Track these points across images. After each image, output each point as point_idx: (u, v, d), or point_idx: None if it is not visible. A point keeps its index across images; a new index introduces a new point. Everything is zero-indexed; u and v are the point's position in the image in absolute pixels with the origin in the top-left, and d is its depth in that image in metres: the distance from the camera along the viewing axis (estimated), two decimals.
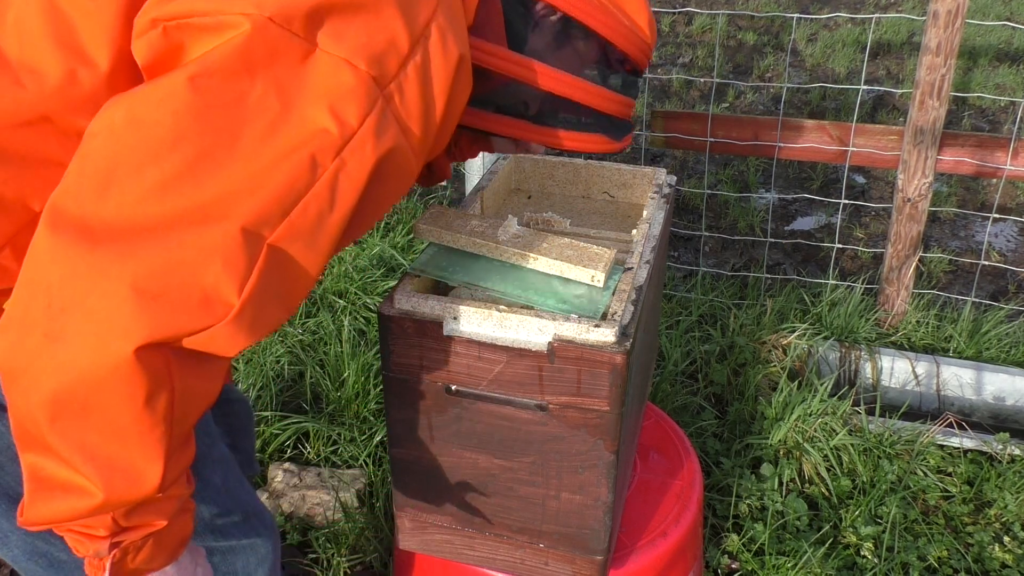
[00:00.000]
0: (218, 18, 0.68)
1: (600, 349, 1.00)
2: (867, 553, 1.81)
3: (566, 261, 1.10)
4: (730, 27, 5.64)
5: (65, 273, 0.66)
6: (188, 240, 0.67)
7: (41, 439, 0.70)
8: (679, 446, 1.55)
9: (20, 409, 0.70)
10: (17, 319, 0.69)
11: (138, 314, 0.66)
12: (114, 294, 0.66)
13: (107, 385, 0.68)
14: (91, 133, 0.69)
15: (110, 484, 0.71)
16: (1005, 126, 4.21)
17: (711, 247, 3.19)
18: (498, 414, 1.10)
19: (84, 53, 0.73)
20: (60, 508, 0.72)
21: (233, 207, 0.68)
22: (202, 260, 0.67)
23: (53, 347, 0.67)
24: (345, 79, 0.70)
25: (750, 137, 2.45)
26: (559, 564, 1.20)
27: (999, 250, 3.24)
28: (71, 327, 0.67)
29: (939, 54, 2.20)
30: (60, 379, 0.67)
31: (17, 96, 0.72)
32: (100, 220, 0.66)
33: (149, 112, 0.67)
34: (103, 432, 0.70)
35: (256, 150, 0.68)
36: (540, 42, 0.94)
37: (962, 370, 2.29)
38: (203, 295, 0.68)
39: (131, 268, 0.66)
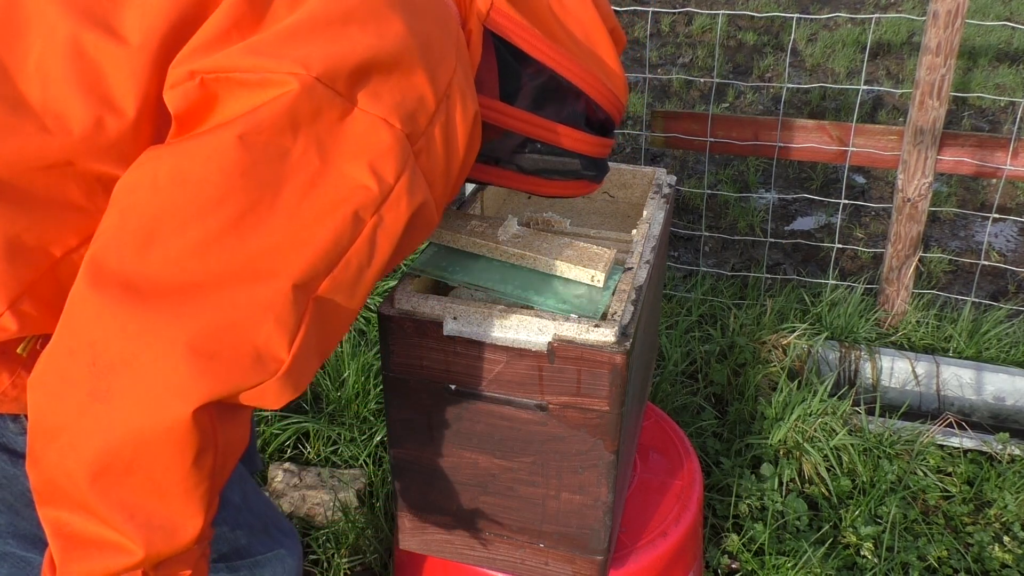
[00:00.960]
0: (262, 75, 0.68)
1: (600, 349, 1.00)
2: (867, 553, 1.81)
3: (566, 261, 1.10)
4: (730, 27, 5.64)
5: (112, 331, 0.66)
6: (240, 298, 0.68)
7: (76, 497, 0.69)
8: (679, 446, 1.55)
9: (54, 466, 0.69)
10: (57, 375, 0.68)
11: (196, 375, 0.66)
12: (169, 354, 0.66)
13: (158, 445, 0.67)
14: (130, 186, 0.69)
15: (150, 541, 0.71)
16: (1005, 126, 4.22)
17: (711, 247, 3.19)
18: (498, 414, 1.10)
19: (112, 100, 0.71)
20: (96, 566, 0.72)
21: (281, 263, 0.69)
22: (255, 318, 0.68)
23: (99, 406, 0.66)
24: (383, 137, 0.72)
25: (750, 137, 2.45)
26: (559, 564, 1.20)
27: (999, 250, 3.24)
28: (120, 386, 0.66)
29: (939, 54, 2.20)
30: (106, 439, 0.67)
31: (41, 142, 0.71)
32: (145, 277, 0.66)
33: (196, 169, 0.67)
34: (147, 491, 0.69)
35: (298, 206, 0.69)
36: (528, 96, 0.99)
37: (962, 370, 2.29)
38: (256, 352, 0.69)
39: (186, 328, 0.66)
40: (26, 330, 0.73)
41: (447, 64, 0.79)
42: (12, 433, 0.87)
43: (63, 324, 0.68)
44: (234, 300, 0.67)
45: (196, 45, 0.70)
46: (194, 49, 0.70)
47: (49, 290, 0.73)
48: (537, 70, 0.98)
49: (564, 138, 1.02)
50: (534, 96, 0.99)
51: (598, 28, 1.01)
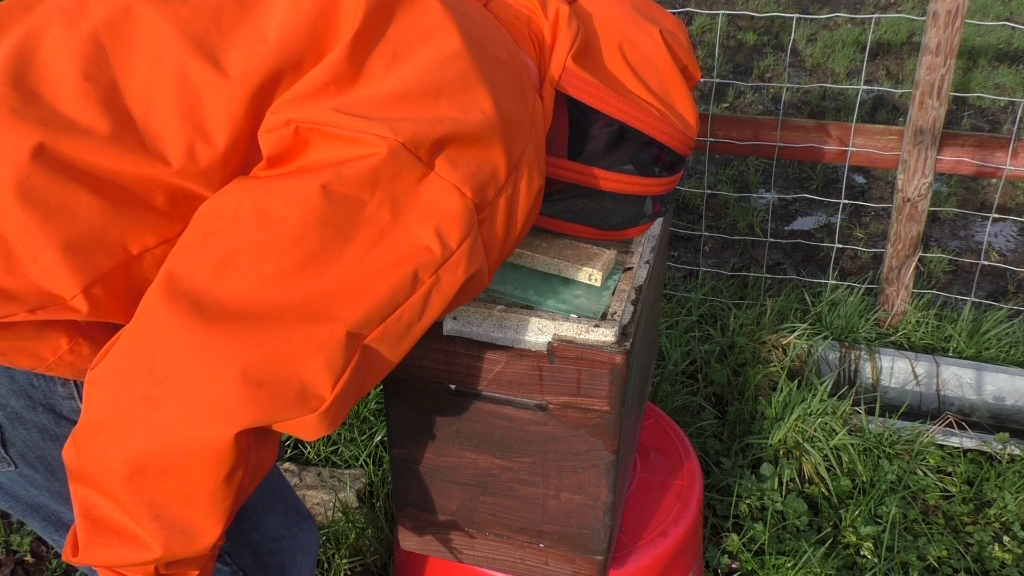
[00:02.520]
0: (354, 134, 0.72)
1: (600, 349, 1.00)
2: (867, 553, 1.81)
3: (564, 260, 1.10)
4: (730, 27, 5.64)
5: (175, 345, 0.69)
6: (297, 334, 0.71)
7: (108, 488, 0.73)
8: (679, 446, 1.55)
9: (93, 458, 0.72)
10: (115, 375, 0.71)
11: (244, 400, 0.70)
12: (223, 377, 0.69)
13: (196, 458, 0.71)
14: (215, 212, 0.73)
15: (169, 542, 0.74)
16: (1005, 126, 4.22)
17: (711, 247, 3.19)
18: (498, 414, 1.10)
19: (206, 130, 0.75)
20: (115, 555, 0.76)
21: (340, 308, 0.72)
22: (308, 356, 0.72)
23: (147, 411, 0.70)
24: (453, 204, 0.76)
25: (750, 137, 2.45)
26: (559, 564, 1.21)
27: (999, 250, 3.24)
28: (170, 397, 0.69)
29: (939, 54, 2.20)
30: (149, 443, 0.70)
31: (138, 157, 0.74)
32: (214, 300, 0.70)
33: (279, 208, 0.71)
34: (175, 496, 0.73)
35: (364, 256, 0.73)
36: (597, 147, 1.03)
37: (962, 370, 2.29)
38: (301, 388, 0.72)
39: (243, 354, 0.69)
40: (94, 315, 0.76)
41: (522, 139, 0.83)
42: (60, 397, 0.90)
43: (132, 328, 0.72)
44: (291, 335, 0.71)
45: (296, 95, 0.75)
46: (293, 98, 0.75)
47: (120, 283, 0.76)
48: (607, 123, 1.01)
49: (629, 186, 1.05)
50: (603, 147, 1.02)
51: (670, 70, 1.04)
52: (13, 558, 1.82)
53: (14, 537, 1.85)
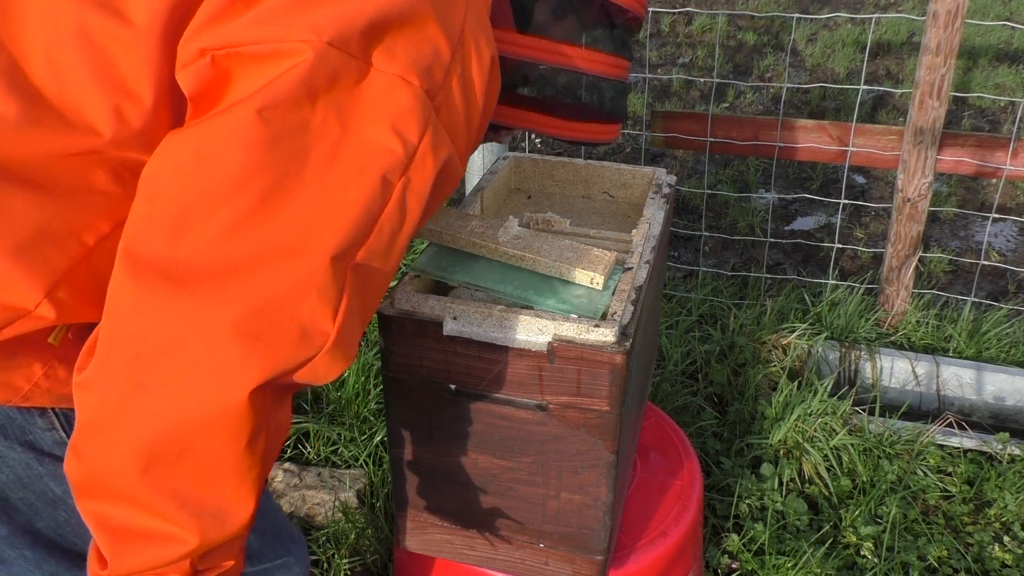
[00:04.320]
0: (273, 46, 0.66)
1: (600, 349, 1.00)
2: (867, 553, 1.81)
3: (566, 263, 1.10)
4: (730, 27, 5.64)
5: (152, 321, 0.65)
6: (280, 276, 0.66)
7: (123, 490, 0.69)
8: (679, 446, 1.55)
9: (99, 461, 0.68)
10: (100, 369, 0.67)
11: (246, 358, 0.65)
12: (215, 340, 0.65)
13: (211, 431, 0.67)
14: (155, 173, 0.67)
15: (204, 530, 0.70)
16: (1005, 126, 4.21)
17: (711, 247, 3.19)
18: (498, 414, 1.10)
19: (127, 87, 0.68)
20: (149, 557, 0.71)
21: (316, 237, 0.67)
22: (297, 294, 0.67)
23: (144, 397, 0.66)
24: (402, 96, 0.70)
25: (750, 137, 2.45)
26: (559, 564, 1.20)
27: (999, 250, 3.24)
28: (165, 375, 0.65)
29: (939, 54, 2.20)
30: (156, 429, 0.66)
31: (64, 134, 0.68)
32: (180, 264, 0.65)
33: (218, 149, 0.65)
34: (198, 478, 0.69)
35: (324, 176, 0.68)
36: (543, 15, 0.96)
37: (962, 370, 2.29)
38: (301, 329, 0.68)
39: (229, 311, 0.65)
40: (63, 318, 0.72)
41: (458, 9, 0.76)
42: (40, 429, 0.86)
43: (105, 317, 0.67)
44: (274, 279, 0.66)
45: (202, 20, 0.67)
46: (200, 24, 0.67)
47: (84, 278, 0.72)
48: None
49: (579, 60, 0.98)
50: (547, 15, 0.95)
51: None
52: None
53: None
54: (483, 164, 2.32)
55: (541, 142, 4.01)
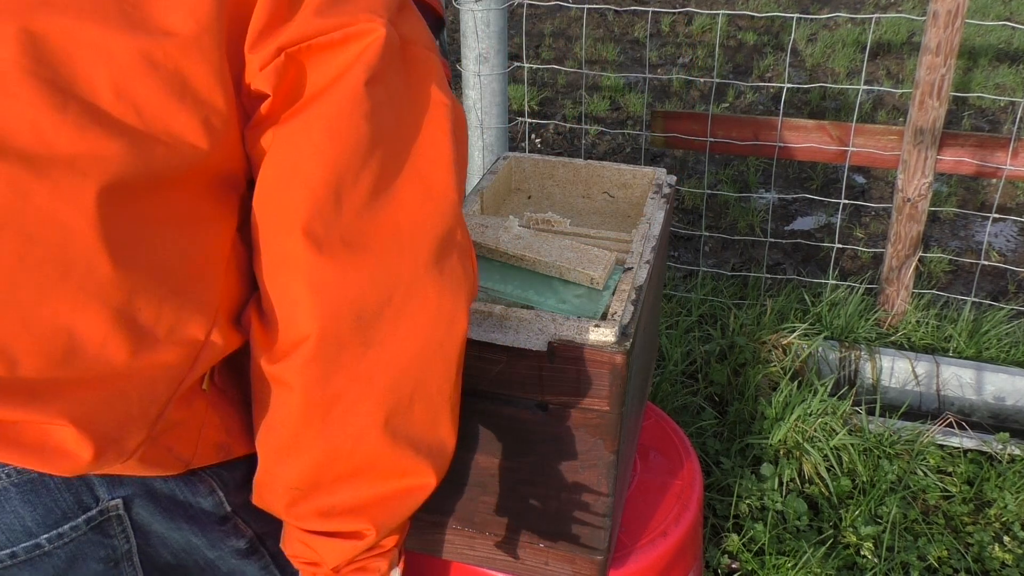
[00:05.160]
0: (344, 31, 0.71)
1: (600, 349, 1.00)
2: (867, 553, 1.81)
3: (566, 263, 1.10)
4: (730, 27, 5.64)
5: (360, 285, 0.70)
6: (433, 217, 0.74)
7: (366, 457, 0.74)
8: (679, 446, 1.55)
9: (335, 438, 0.73)
10: (325, 344, 0.71)
11: (443, 287, 0.74)
12: (417, 281, 0.72)
13: (435, 366, 0.75)
14: (290, 164, 0.71)
15: (437, 467, 0.78)
16: (1005, 126, 4.21)
17: (711, 247, 3.19)
18: (498, 414, 1.10)
19: (205, 99, 0.68)
20: (404, 509, 0.78)
21: (438, 179, 0.75)
22: (453, 228, 0.76)
23: (374, 353, 0.72)
24: (432, 60, 0.79)
25: (750, 137, 2.45)
26: (559, 564, 1.20)
27: (999, 250, 3.24)
28: (388, 327, 0.72)
29: (939, 54, 2.20)
30: (390, 378, 0.72)
31: (171, 155, 0.67)
32: (352, 229, 0.70)
33: (345, 123, 0.71)
34: (426, 417, 0.76)
35: (421, 132, 0.75)
36: None
37: (962, 370, 2.29)
38: (461, 256, 0.77)
39: (420, 254, 0.73)
40: (229, 346, 0.75)
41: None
42: (202, 498, 0.85)
43: (307, 302, 0.70)
44: (431, 219, 0.74)
45: (264, 21, 0.69)
46: (264, 26, 0.69)
47: (229, 300, 0.75)
48: None
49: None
50: None
51: None
52: None
53: None
54: (483, 164, 2.32)
55: (541, 142, 4.01)
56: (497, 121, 2.27)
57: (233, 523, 0.87)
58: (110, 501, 0.77)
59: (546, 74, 4.79)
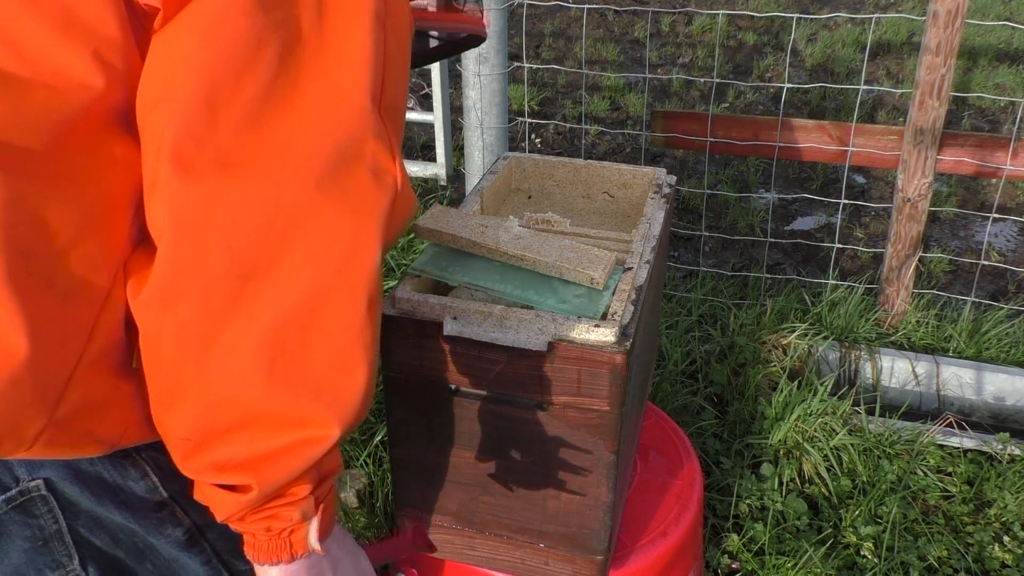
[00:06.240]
0: None
1: (600, 349, 1.00)
2: (867, 553, 1.81)
3: (566, 263, 1.10)
4: (730, 27, 5.64)
5: (233, 212, 0.61)
6: (334, 128, 0.64)
7: (251, 405, 0.64)
8: (679, 446, 1.55)
9: (214, 384, 0.64)
10: (190, 279, 0.62)
11: (340, 213, 0.63)
12: (305, 206, 0.62)
13: (332, 300, 0.64)
14: (165, 76, 0.62)
15: (342, 414, 0.67)
16: (1005, 126, 4.21)
17: (711, 247, 3.19)
18: (498, 414, 1.10)
19: (95, 30, 0.62)
20: (296, 462, 0.67)
21: (345, 85, 0.65)
22: (357, 138, 0.65)
23: (253, 286, 0.62)
24: None
25: (750, 137, 2.45)
26: (559, 564, 1.20)
27: (999, 250, 3.24)
28: (268, 258, 0.62)
29: (939, 54, 2.20)
30: (274, 315, 0.62)
31: (58, 100, 0.62)
32: (229, 146, 0.62)
33: (219, 22, 0.61)
34: (327, 358, 0.65)
35: (325, 27, 0.65)
36: None
37: (962, 370, 2.29)
38: (373, 172, 0.66)
39: (306, 175, 0.63)
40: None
41: None
42: (132, 482, 0.80)
43: (169, 230, 0.62)
44: (328, 132, 0.64)
45: None
46: None
47: (141, 258, 0.67)
48: None
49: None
50: None
51: None
52: None
53: None
54: (483, 164, 2.32)
55: (541, 142, 4.01)
56: (497, 121, 2.27)
57: (170, 511, 0.83)
58: (30, 482, 0.74)
59: (546, 74, 4.79)
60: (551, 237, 1.16)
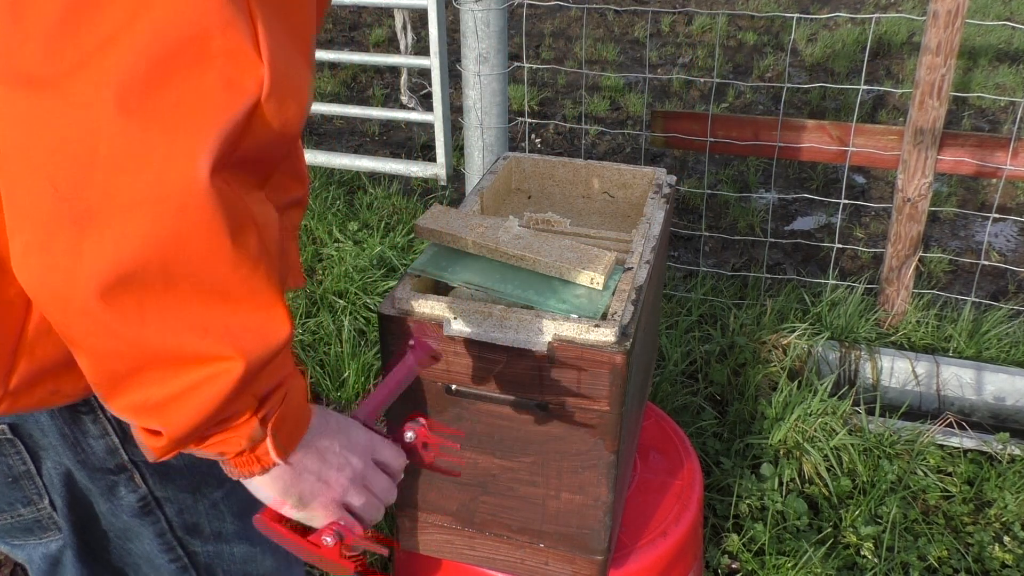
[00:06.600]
0: None
1: (600, 349, 1.00)
2: (867, 553, 1.81)
3: (566, 263, 1.10)
4: (730, 27, 5.64)
5: (47, 139, 0.52)
6: (155, 26, 0.52)
7: (135, 350, 0.58)
8: (679, 446, 1.55)
9: (95, 342, 0.58)
10: (30, 232, 0.55)
11: (172, 135, 0.52)
12: (121, 129, 0.52)
13: (182, 238, 0.54)
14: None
15: (242, 346, 0.60)
16: (1005, 126, 4.22)
17: (711, 247, 3.19)
18: (498, 414, 1.10)
19: None
20: (202, 404, 0.61)
21: None
22: (196, 33, 0.52)
23: (93, 232, 0.53)
24: None
25: (750, 137, 2.45)
26: (559, 564, 1.20)
27: (999, 250, 3.24)
28: (100, 196, 0.53)
29: (939, 54, 2.20)
30: (124, 259, 0.54)
31: None
32: (37, 57, 0.52)
33: None
34: (202, 295, 0.57)
35: None
36: None
37: (962, 370, 2.29)
38: (220, 74, 0.53)
39: (118, 92, 0.51)
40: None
41: None
42: (93, 439, 0.80)
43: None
44: (152, 28, 0.51)
45: None
46: None
47: None
48: None
49: None
50: None
51: None
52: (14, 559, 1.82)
53: None
54: (483, 164, 2.32)
55: (541, 142, 4.01)
56: (497, 121, 2.27)
57: (129, 475, 0.83)
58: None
59: (546, 74, 4.79)
60: (551, 237, 1.16)
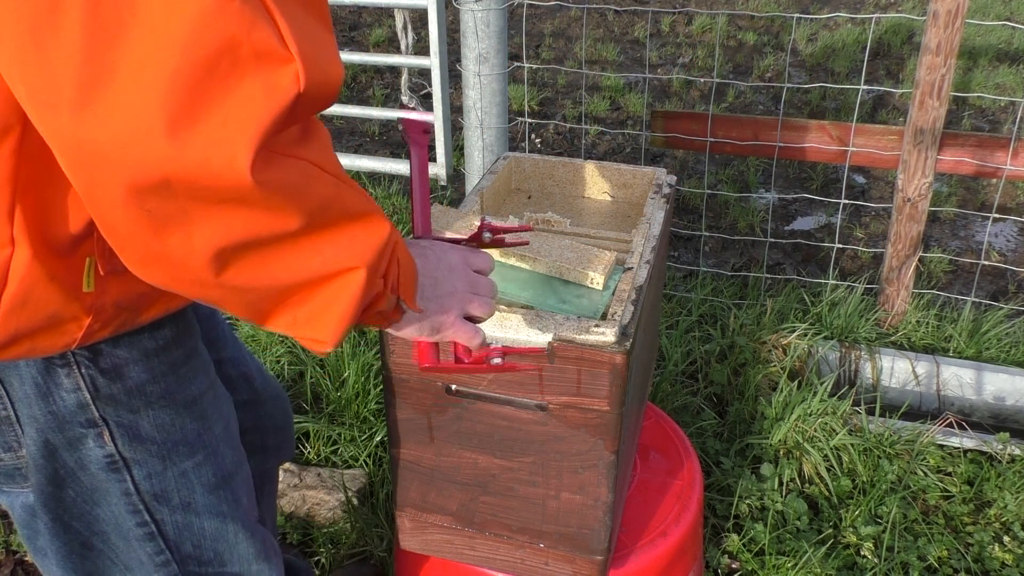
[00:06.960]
0: None
1: (600, 349, 1.00)
2: (867, 553, 1.81)
3: (566, 263, 1.10)
4: (730, 27, 5.64)
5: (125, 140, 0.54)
6: (179, 41, 0.53)
7: (271, 299, 0.65)
8: (679, 446, 1.55)
9: (240, 296, 0.65)
10: (130, 249, 0.61)
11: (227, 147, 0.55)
12: (184, 155, 0.54)
13: (254, 221, 0.59)
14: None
15: (356, 257, 0.67)
16: (1005, 126, 4.21)
17: (711, 247, 3.19)
18: (498, 414, 1.10)
19: None
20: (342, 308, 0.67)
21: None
22: (226, 45, 0.54)
23: (189, 228, 0.59)
24: None
25: (750, 137, 2.45)
26: (559, 564, 1.20)
27: (999, 250, 3.24)
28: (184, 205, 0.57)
29: (939, 54, 2.20)
30: (223, 241, 0.59)
31: None
32: (79, 80, 0.54)
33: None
34: (306, 240, 0.64)
35: None
36: None
37: (962, 370, 2.29)
38: (261, 84, 0.55)
39: (162, 119, 0.53)
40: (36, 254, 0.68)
41: None
42: (65, 392, 0.82)
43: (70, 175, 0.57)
44: (175, 44, 0.52)
45: None
46: None
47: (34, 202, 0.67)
48: None
49: None
50: None
51: None
52: (13, 558, 1.82)
53: (14, 537, 1.85)
54: (483, 164, 2.32)
55: (541, 142, 4.01)
56: (497, 121, 2.27)
57: (98, 432, 0.84)
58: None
59: (546, 74, 4.79)
60: (551, 238, 1.16)
